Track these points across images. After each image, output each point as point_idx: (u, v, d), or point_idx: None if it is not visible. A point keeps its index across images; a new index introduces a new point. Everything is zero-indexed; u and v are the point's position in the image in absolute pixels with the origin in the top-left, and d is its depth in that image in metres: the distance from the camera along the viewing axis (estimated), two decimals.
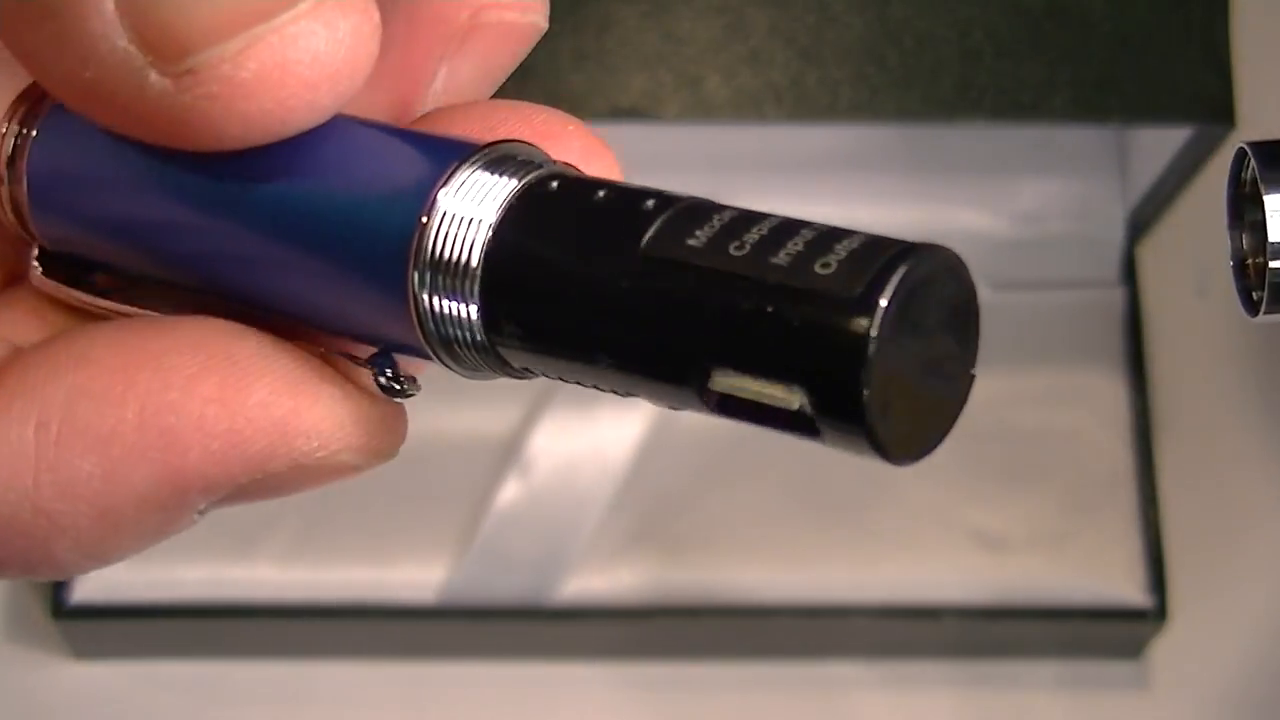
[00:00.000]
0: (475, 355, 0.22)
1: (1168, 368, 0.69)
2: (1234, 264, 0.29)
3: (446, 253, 0.22)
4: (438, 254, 0.22)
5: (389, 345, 0.23)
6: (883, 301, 0.19)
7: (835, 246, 0.20)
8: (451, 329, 0.22)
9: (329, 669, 0.65)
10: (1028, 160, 0.67)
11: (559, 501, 0.65)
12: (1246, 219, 0.28)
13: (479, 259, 0.21)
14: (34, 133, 0.24)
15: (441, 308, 0.22)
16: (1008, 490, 0.65)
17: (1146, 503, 0.65)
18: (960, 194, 0.67)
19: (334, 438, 0.23)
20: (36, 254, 0.25)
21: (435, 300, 0.22)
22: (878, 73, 0.57)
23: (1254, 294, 0.28)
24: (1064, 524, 0.65)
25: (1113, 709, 0.66)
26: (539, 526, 0.65)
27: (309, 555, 0.64)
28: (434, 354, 0.22)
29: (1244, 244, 0.29)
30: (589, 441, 0.66)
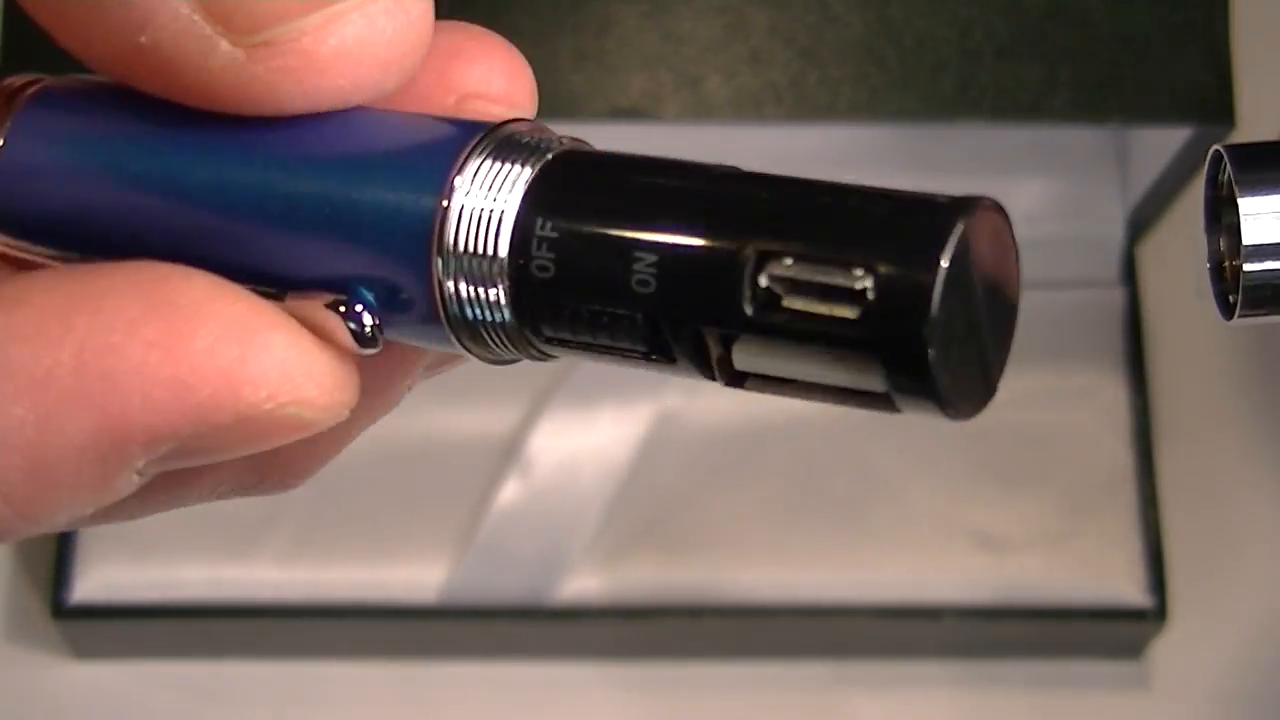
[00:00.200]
0: (500, 336, 0.22)
1: (1168, 368, 0.69)
2: (1211, 267, 0.29)
3: (470, 238, 0.21)
4: (461, 240, 0.21)
5: (401, 333, 0.22)
6: (976, 208, 0.20)
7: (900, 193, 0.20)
8: (475, 311, 0.22)
9: (329, 669, 0.65)
10: (1028, 160, 0.67)
11: (559, 501, 0.65)
12: (1223, 222, 0.28)
13: (507, 239, 0.21)
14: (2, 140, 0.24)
15: (465, 292, 0.21)
16: (1008, 490, 0.65)
17: (1146, 503, 0.65)
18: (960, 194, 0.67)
19: (283, 389, 0.21)
20: None
21: (459, 286, 0.21)
22: (878, 73, 0.57)
23: (1230, 297, 0.28)
24: (1064, 524, 0.65)
25: (1113, 709, 0.66)
26: (539, 526, 0.65)
27: (309, 555, 0.64)
28: (455, 339, 0.22)
29: (1221, 247, 0.29)
30: (589, 441, 0.66)
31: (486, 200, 0.21)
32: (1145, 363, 0.67)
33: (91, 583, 0.63)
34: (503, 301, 0.21)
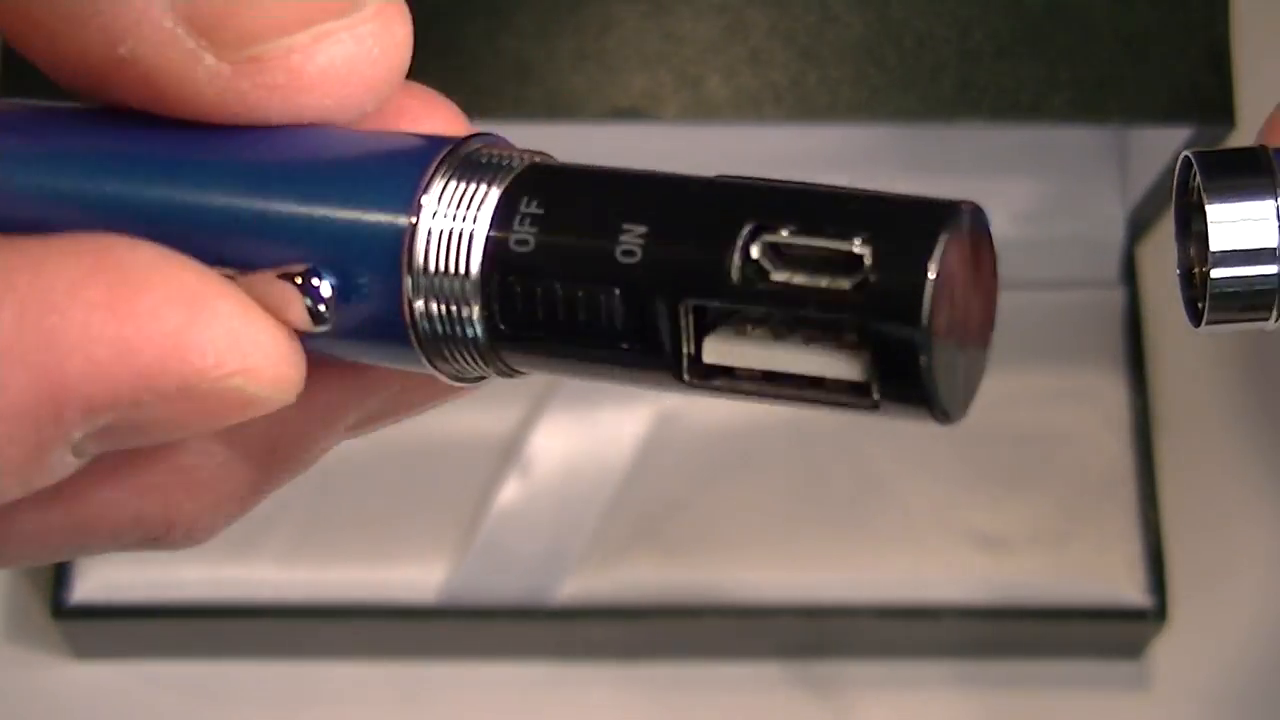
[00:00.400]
0: (469, 355, 0.22)
1: (1168, 368, 0.69)
2: (1180, 273, 0.29)
3: (441, 258, 0.21)
4: (430, 260, 0.21)
5: (370, 354, 0.22)
6: (967, 208, 0.20)
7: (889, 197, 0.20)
8: (445, 328, 0.21)
9: (329, 669, 0.65)
10: (1028, 160, 0.67)
11: (559, 501, 0.65)
12: (1193, 229, 0.28)
13: (479, 256, 0.21)
14: None
15: (435, 311, 0.21)
16: (1008, 490, 0.65)
17: (1146, 503, 0.65)
18: (960, 194, 0.67)
19: (230, 358, 0.20)
20: None
21: (429, 304, 0.21)
22: (878, 73, 0.57)
23: (1198, 304, 0.28)
24: (1064, 524, 0.65)
25: (1113, 709, 0.66)
26: (539, 526, 0.65)
27: (309, 555, 0.64)
28: (424, 359, 0.22)
29: (1191, 253, 0.28)
30: (589, 441, 0.66)
31: (458, 209, 0.21)
32: (1145, 363, 0.67)
33: (91, 583, 0.63)
34: (472, 302, 0.21)
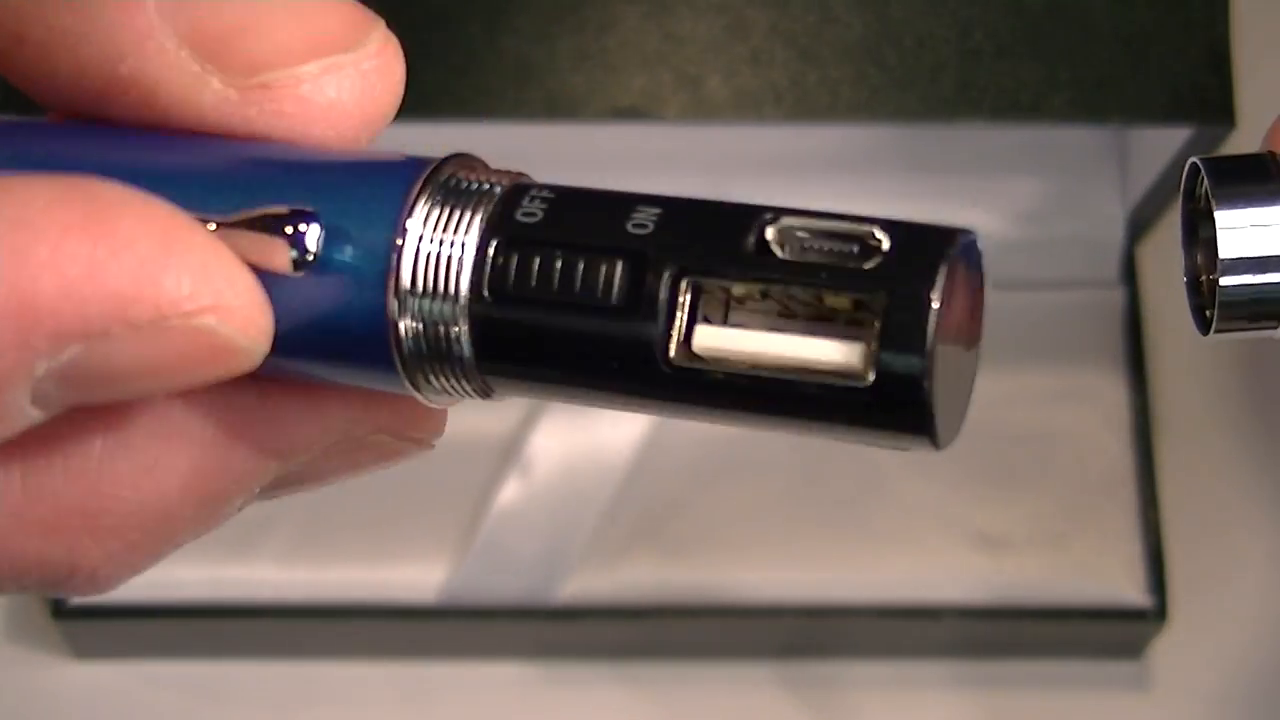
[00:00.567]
0: (452, 377, 0.21)
1: (1168, 368, 0.69)
2: (1188, 281, 0.28)
3: (428, 279, 0.21)
4: (417, 281, 0.21)
5: (350, 373, 0.22)
6: (966, 236, 0.20)
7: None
8: (429, 349, 0.21)
9: (329, 669, 0.65)
10: (1028, 160, 0.67)
11: (559, 501, 0.65)
12: (1200, 235, 0.28)
13: (468, 277, 0.21)
14: None
15: (420, 332, 0.21)
16: (1008, 490, 0.65)
17: (1146, 503, 0.65)
18: (960, 194, 0.67)
19: (203, 291, 0.20)
20: None
21: (415, 325, 0.21)
22: (878, 73, 0.57)
23: (1206, 311, 0.28)
24: (1064, 524, 0.65)
25: (1113, 709, 0.66)
26: (539, 526, 0.65)
27: (309, 555, 0.64)
28: (407, 381, 0.22)
29: (1198, 260, 0.28)
30: (589, 441, 0.66)
31: (432, 273, 0.21)
32: (1145, 363, 0.67)
33: None
34: (462, 305, 0.21)
